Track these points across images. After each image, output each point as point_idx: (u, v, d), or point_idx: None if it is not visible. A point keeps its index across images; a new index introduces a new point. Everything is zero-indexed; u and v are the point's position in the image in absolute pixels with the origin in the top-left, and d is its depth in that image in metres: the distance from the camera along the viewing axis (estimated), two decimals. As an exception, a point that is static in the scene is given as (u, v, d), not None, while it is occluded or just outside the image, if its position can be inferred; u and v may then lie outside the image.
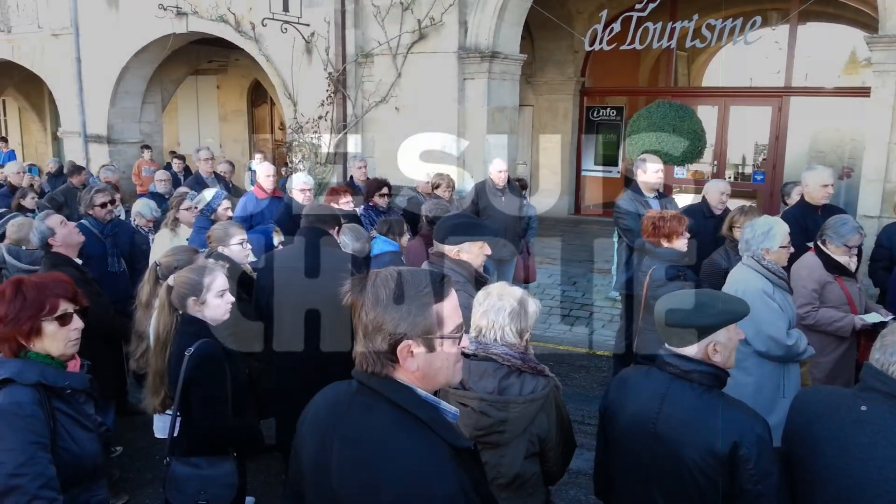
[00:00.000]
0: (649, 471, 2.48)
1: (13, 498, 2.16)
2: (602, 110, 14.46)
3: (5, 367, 2.32)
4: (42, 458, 2.23)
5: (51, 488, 2.22)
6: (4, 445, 2.19)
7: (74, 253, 4.61)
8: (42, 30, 14.09)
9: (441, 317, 1.68)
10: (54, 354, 2.39)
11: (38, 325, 2.35)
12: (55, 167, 12.39)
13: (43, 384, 2.32)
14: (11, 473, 2.16)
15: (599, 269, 10.15)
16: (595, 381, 6.61)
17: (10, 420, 2.22)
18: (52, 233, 4.49)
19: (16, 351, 2.37)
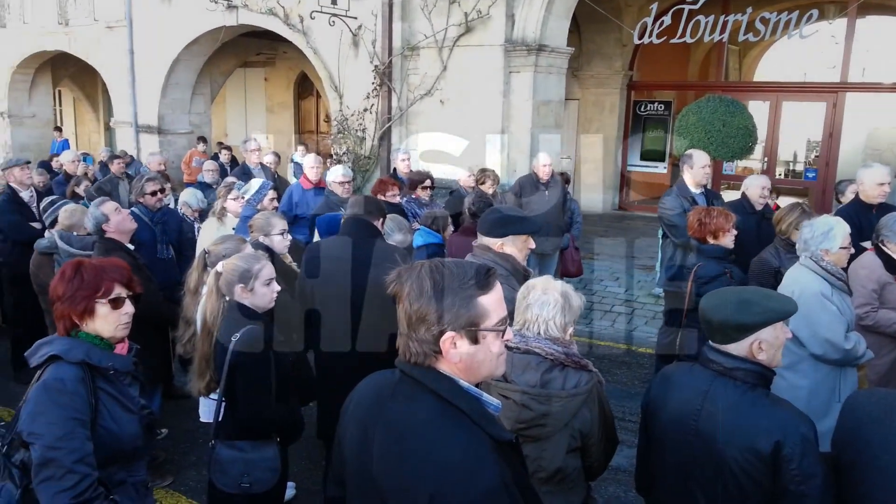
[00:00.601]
0: (690, 468, 2.45)
1: (49, 470, 2.22)
2: (650, 105, 14.26)
3: (54, 345, 2.40)
4: (80, 433, 2.29)
5: (86, 464, 2.28)
6: (45, 419, 2.26)
7: (127, 239, 4.72)
8: (97, 22, 14.45)
9: (485, 309, 1.67)
10: (104, 336, 2.46)
11: (92, 305, 2.42)
12: (107, 156, 12.72)
13: (87, 363, 2.38)
14: (49, 446, 2.22)
15: (643, 265, 10.03)
16: (636, 377, 6.54)
17: (52, 395, 2.29)
18: (106, 219, 4.60)
19: (69, 329, 2.44)
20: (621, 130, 14.30)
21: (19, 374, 6.42)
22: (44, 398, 2.29)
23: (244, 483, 3.04)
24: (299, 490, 4.54)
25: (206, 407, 3.84)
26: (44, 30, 15.46)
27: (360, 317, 3.69)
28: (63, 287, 2.42)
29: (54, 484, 2.21)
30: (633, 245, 11.28)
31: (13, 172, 6.85)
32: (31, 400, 2.32)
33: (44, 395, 2.29)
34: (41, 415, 2.27)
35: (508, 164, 9.56)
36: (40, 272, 5.19)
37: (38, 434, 2.25)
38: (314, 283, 3.82)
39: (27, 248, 5.87)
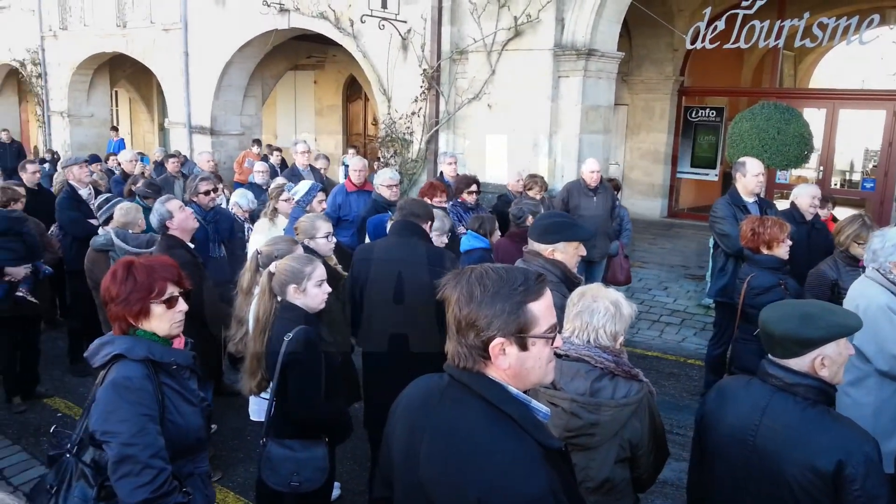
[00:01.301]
0: (745, 484, 2.39)
1: (126, 466, 2.25)
2: (701, 111, 14.01)
3: (116, 344, 2.43)
4: (152, 429, 2.32)
5: (160, 458, 2.32)
6: (118, 417, 2.29)
7: (188, 237, 4.83)
8: (154, 25, 14.82)
9: (535, 316, 1.67)
10: (160, 334, 2.49)
11: (147, 306, 2.44)
12: (161, 156, 13.04)
13: (151, 359, 2.41)
14: (125, 443, 2.26)
15: (693, 274, 9.86)
16: (684, 389, 6.42)
17: (122, 393, 2.32)
18: (170, 216, 4.72)
19: (125, 329, 2.47)
20: (671, 136, 14.09)
21: (75, 366, 6.63)
22: (114, 397, 2.32)
23: (294, 482, 3.08)
24: (344, 491, 4.58)
25: (255, 405, 3.90)
26: (103, 32, 15.91)
27: (408, 318, 3.71)
28: (116, 288, 2.44)
29: (132, 479, 2.25)
30: (683, 254, 11.10)
31: (72, 170, 7.07)
32: (102, 400, 2.34)
33: (113, 393, 2.32)
34: (113, 413, 2.30)
35: (556, 169, 9.49)
36: (95, 268, 5.33)
37: (113, 432, 2.28)
38: (363, 285, 3.85)
39: (85, 244, 6.04)
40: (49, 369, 6.55)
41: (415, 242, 3.82)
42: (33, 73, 17.78)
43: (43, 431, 5.51)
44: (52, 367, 6.66)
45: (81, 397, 6.10)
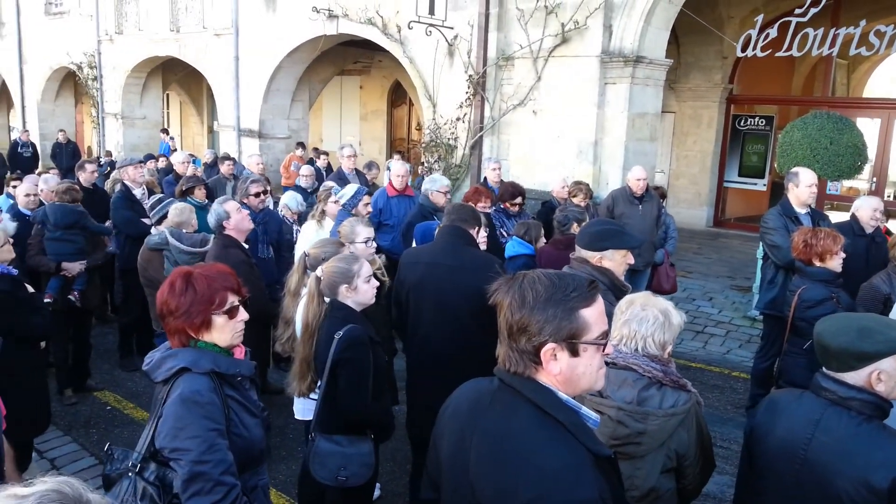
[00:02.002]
0: (796, 498, 2.35)
1: (198, 484, 2.18)
2: (750, 119, 13.79)
3: (180, 357, 2.33)
4: (222, 444, 2.25)
5: (231, 474, 2.25)
6: (188, 433, 2.21)
7: (243, 238, 4.96)
8: (206, 30, 15.16)
9: (587, 322, 1.66)
10: (221, 345, 2.40)
11: (209, 318, 2.35)
12: (210, 158, 13.30)
13: (216, 372, 2.33)
14: (196, 461, 2.18)
15: (739, 285, 9.70)
16: (728, 402, 6.32)
17: (191, 408, 2.23)
18: (227, 216, 4.84)
19: (185, 342, 2.38)
20: (719, 145, 13.90)
21: (124, 361, 6.80)
22: (183, 412, 2.22)
23: (341, 476, 3.13)
24: (384, 492, 4.61)
25: (300, 405, 3.95)
26: (157, 36, 16.34)
27: (454, 323, 3.72)
28: (175, 301, 2.33)
29: (204, 498, 2.18)
30: (729, 264, 10.92)
31: (127, 171, 7.28)
32: (170, 415, 2.24)
33: (182, 409, 2.23)
34: (183, 430, 2.21)
35: (600, 176, 9.44)
36: (149, 266, 5.47)
37: (184, 450, 2.20)
38: (410, 289, 3.88)
39: (138, 243, 6.21)
40: (99, 363, 6.74)
41: (462, 248, 3.84)
42: (89, 76, 18.33)
43: (93, 423, 5.68)
44: (101, 361, 6.85)
45: (130, 391, 6.27)
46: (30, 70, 20.65)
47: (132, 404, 6.04)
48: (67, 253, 5.99)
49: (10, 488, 1.17)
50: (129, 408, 5.99)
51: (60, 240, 5.98)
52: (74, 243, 6.05)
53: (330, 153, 13.94)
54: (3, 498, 1.14)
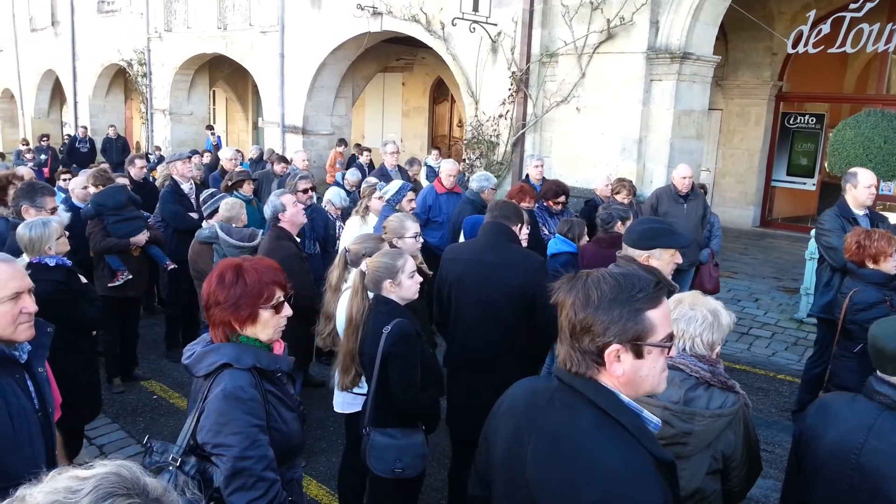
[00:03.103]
0: (846, 502, 2.30)
1: (240, 480, 2.20)
2: (800, 117, 13.48)
3: (222, 352, 2.32)
4: (263, 440, 2.26)
5: (272, 469, 2.26)
6: (231, 429, 2.21)
7: (296, 231, 5.05)
8: (252, 27, 15.38)
9: (653, 323, 1.64)
10: (263, 339, 2.39)
11: (256, 311, 2.34)
12: (256, 154, 13.52)
13: (257, 368, 2.33)
14: (238, 456, 2.19)
15: (786, 287, 9.50)
16: (774, 405, 6.19)
17: (234, 404, 2.24)
18: (283, 208, 4.94)
19: (228, 335, 2.37)
20: (767, 143, 13.61)
21: (171, 351, 6.95)
22: (226, 407, 2.23)
23: (397, 468, 3.17)
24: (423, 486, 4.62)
25: (340, 398, 3.99)
26: (204, 34, 16.64)
27: (495, 320, 3.72)
28: (224, 293, 2.32)
29: (246, 493, 2.20)
30: (776, 265, 10.70)
31: (176, 166, 7.42)
32: (213, 411, 2.24)
33: (225, 404, 2.23)
34: (226, 426, 2.22)
35: (644, 174, 9.33)
36: (199, 259, 5.58)
37: (227, 445, 2.20)
38: (451, 284, 3.88)
39: (185, 237, 6.35)
40: (146, 353, 6.91)
41: (505, 244, 3.83)
42: (139, 73, 18.75)
43: (140, 412, 5.82)
44: (148, 351, 7.01)
45: (176, 381, 6.41)
46: (82, 67, 21.21)
47: (177, 394, 6.17)
48: (135, 229, 6.19)
49: (72, 470, 1.20)
50: (174, 397, 6.12)
51: (125, 220, 6.16)
52: (137, 219, 6.27)
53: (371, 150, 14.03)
54: (65, 479, 1.18)
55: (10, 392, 2.35)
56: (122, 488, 1.17)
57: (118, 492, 1.16)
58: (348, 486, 4.00)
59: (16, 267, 2.45)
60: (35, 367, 2.52)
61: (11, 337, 2.38)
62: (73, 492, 1.15)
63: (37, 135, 19.90)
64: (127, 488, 1.18)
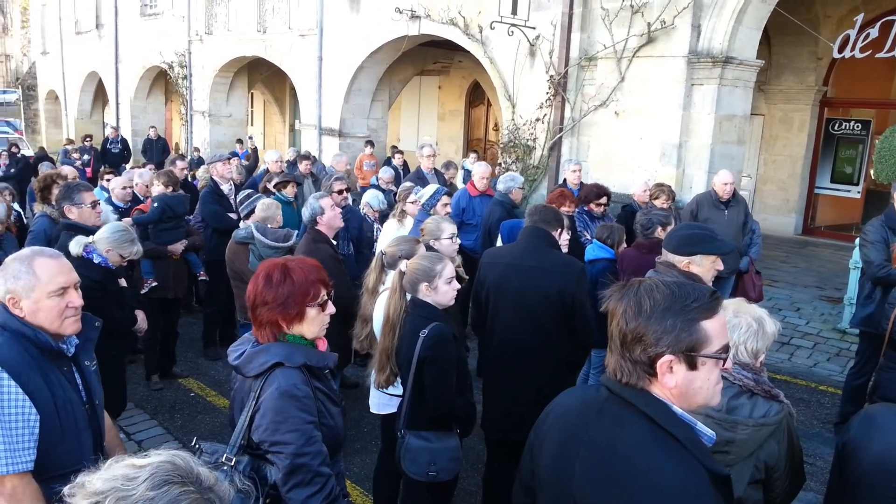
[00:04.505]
0: (893, 519, 2.23)
1: (298, 476, 2.25)
2: (845, 123, 13.19)
3: (273, 352, 2.36)
4: (317, 436, 2.31)
5: (326, 464, 2.31)
6: (287, 427, 2.26)
7: (332, 234, 5.12)
8: (291, 31, 15.53)
9: (707, 334, 1.59)
10: (308, 337, 2.44)
11: (303, 310, 2.38)
12: (293, 156, 13.62)
13: (306, 365, 2.37)
14: (296, 453, 2.24)
15: (828, 296, 9.29)
16: (815, 416, 6.06)
17: (290, 402, 2.28)
18: (322, 211, 5.01)
19: (275, 334, 2.41)
20: (811, 150, 13.35)
21: (208, 350, 7.04)
22: (283, 406, 2.27)
23: (432, 471, 3.17)
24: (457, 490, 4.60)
25: (376, 398, 4.00)
26: (244, 37, 16.86)
27: (533, 325, 3.70)
28: (272, 293, 2.36)
29: (305, 489, 2.25)
30: (818, 274, 10.47)
31: (216, 167, 7.53)
32: (270, 410, 2.28)
33: (282, 402, 2.27)
34: (283, 424, 2.26)
35: (684, 179, 9.20)
36: (236, 259, 5.64)
37: (285, 443, 2.25)
38: (490, 288, 3.87)
39: (224, 236, 6.43)
40: (184, 352, 7.00)
41: (544, 249, 3.81)
42: (180, 75, 19.09)
43: (177, 409, 5.91)
44: (186, 349, 7.11)
45: (213, 379, 6.49)
46: (124, 69, 21.68)
47: (214, 392, 6.25)
48: (175, 239, 6.38)
49: (129, 458, 1.25)
50: (211, 395, 6.20)
51: (171, 228, 6.37)
52: (180, 228, 6.51)
53: (406, 153, 14.09)
54: (122, 467, 1.22)
55: (58, 384, 2.41)
56: (176, 476, 1.21)
57: (173, 479, 1.21)
58: (383, 488, 4.00)
59: (62, 262, 2.52)
60: (82, 360, 2.59)
61: (58, 330, 2.45)
62: (130, 479, 1.19)
63: (80, 135, 20.37)
64: (181, 476, 1.22)
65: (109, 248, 4.40)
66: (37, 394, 2.31)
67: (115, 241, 4.44)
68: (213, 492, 1.24)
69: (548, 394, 2.13)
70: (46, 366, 2.39)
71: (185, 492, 1.20)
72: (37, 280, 2.40)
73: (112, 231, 4.49)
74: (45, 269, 2.43)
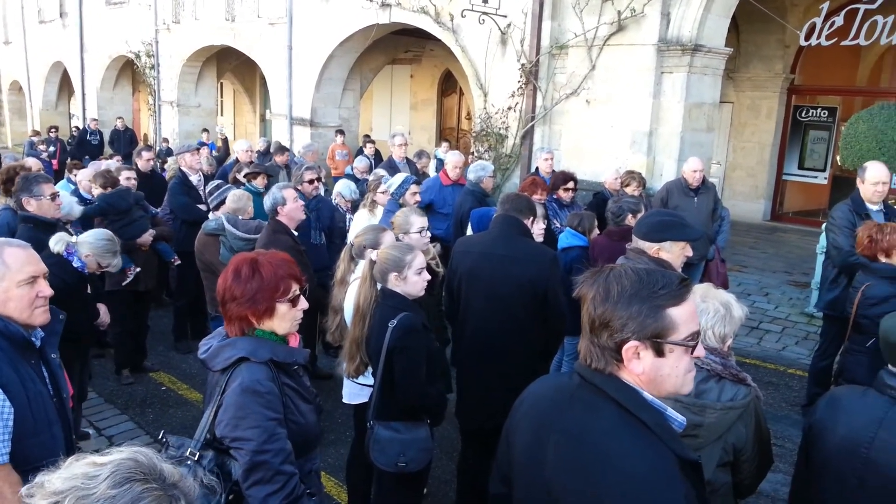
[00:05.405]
0: (856, 497, 2.29)
1: (258, 473, 2.21)
2: (812, 110, 13.38)
3: (238, 346, 2.32)
4: (281, 433, 2.27)
5: (290, 462, 2.27)
6: (249, 423, 2.22)
7: (294, 226, 5.06)
8: (260, 19, 15.35)
9: (674, 321, 1.58)
10: (279, 333, 2.40)
11: (273, 305, 2.35)
12: (264, 146, 13.48)
13: (273, 361, 2.33)
14: (257, 450, 2.20)
15: (796, 281, 9.44)
16: (783, 399, 6.16)
17: (252, 398, 2.24)
18: (283, 202, 4.94)
19: (244, 329, 2.37)
20: (778, 137, 13.53)
21: (179, 343, 6.97)
22: (244, 401, 2.24)
23: (401, 462, 3.16)
24: (431, 478, 4.61)
25: (348, 389, 3.99)
26: (212, 26, 16.63)
27: (505, 314, 3.70)
28: (241, 288, 2.32)
29: (264, 486, 2.21)
30: (786, 259, 10.63)
31: (185, 158, 7.43)
32: (232, 405, 2.25)
33: (243, 398, 2.24)
34: (244, 419, 2.22)
35: (654, 167, 9.27)
36: (206, 251, 5.57)
37: (246, 439, 2.22)
38: (461, 278, 3.87)
39: (193, 228, 6.34)
40: (154, 345, 6.91)
41: (516, 238, 3.81)
42: (147, 65, 18.77)
43: (148, 403, 5.84)
44: (157, 343, 7.02)
45: (184, 373, 6.42)
46: (90, 59, 21.27)
47: (186, 385, 6.18)
48: (140, 231, 6.23)
49: (89, 457, 1.22)
50: (182, 389, 6.13)
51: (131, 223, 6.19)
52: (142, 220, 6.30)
53: (378, 142, 14.01)
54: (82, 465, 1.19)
55: (28, 377, 2.38)
56: (139, 473, 1.19)
57: (135, 477, 1.18)
58: (356, 478, 4.00)
59: (30, 252, 2.49)
60: (48, 353, 2.56)
61: (28, 321, 2.43)
62: (90, 477, 1.16)
63: (45, 127, 19.96)
64: (144, 473, 1.19)
65: (90, 254, 4.33)
66: (10, 385, 2.27)
67: (98, 248, 4.39)
68: (177, 488, 1.21)
69: (521, 382, 2.13)
70: (15, 358, 2.36)
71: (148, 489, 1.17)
72: (6, 269, 2.37)
73: (98, 237, 4.43)
74: (15, 259, 2.39)
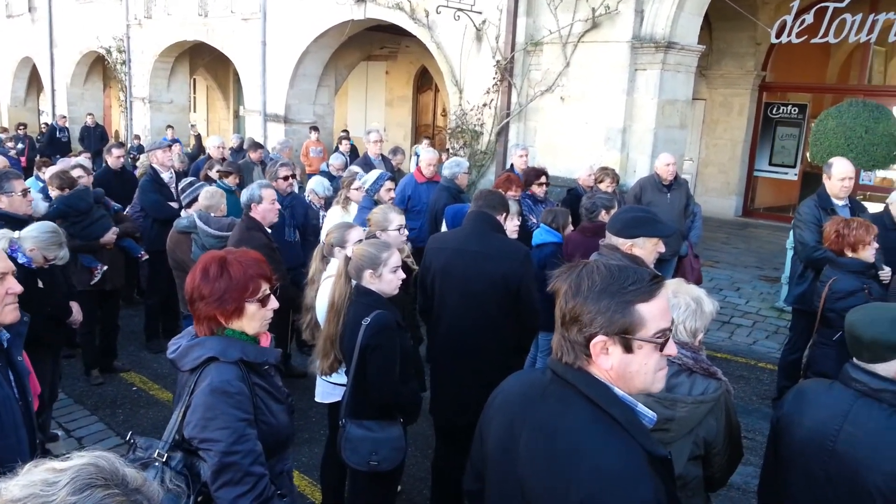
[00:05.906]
0: (822, 490, 2.32)
1: (227, 475, 2.17)
2: (782, 107, 13.56)
3: (208, 346, 2.29)
4: (251, 434, 2.23)
5: (260, 464, 2.24)
6: (217, 424, 2.18)
7: (266, 224, 5.00)
8: (234, 14, 15.20)
9: (642, 318, 1.58)
10: (249, 332, 2.36)
11: (242, 305, 2.30)
12: (237, 143, 13.37)
13: (244, 361, 2.30)
14: (226, 451, 2.17)
15: (767, 276, 9.57)
16: (754, 392, 6.25)
17: (221, 398, 2.20)
18: (259, 200, 4.91)
19: (213, 329, 2.33)
20: (750, 133, 13.69)
21: (150, 343, 6.88)
22: (213, 402, 2.20)
23: (373, 461, 3.15)
24: (406, 476, 4.60)
25: (322, 388, 3.97)
26: (185, 21, 16.43)
27: (479, 310, 3.70)
28: (209, 287, 2.27)
29: (234, 488, 2.17)
30: (757, 254, 10.77)
31: (156, 155, 7.33)
32: (200, 406, 2.21)
33: (212, 398, 2.20)
34: (213, 420, 2.19)
35: (628, 164, 9.33)
36: (177, 249, 5.51)
37: (214, 440, 2.18)
38: (435, 274, 3.86)
39: (165, 226, 6.26)
40: (125, 345, 6.82)
41: (489, 234, 3.80)
42: (118, 60, 18.50)
43: (119, 403, 5.76)
44: (128, 342, 6.93)
45: (156, 373, 6.34)
46: (60, 54, 20.90)
47: (157, 385, 6.11)
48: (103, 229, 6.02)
49: (48, 462, 1.17)
50: (154, 389, 6.06)
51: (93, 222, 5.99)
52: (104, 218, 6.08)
53: (354, 138, 13.94)
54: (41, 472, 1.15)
55: None
56: (100, 479, 1.14)
57: (96, 483, 1.14)
58: (330, 477, 3.98)
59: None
60: (14, 355, 2.51)
61: None
62: (49, 484, 1.12)
63: (13, 123, 19.61)
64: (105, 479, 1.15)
65: (34, 248, 4.22)
66: None
67: (42, 241, 4.26)
68: (140, 493, 1.18)
69: (495, 378, 2.13)
70: None
71: (110, 495, 1.13)
72: None
73: (41, 230, 4.31)
74: None
